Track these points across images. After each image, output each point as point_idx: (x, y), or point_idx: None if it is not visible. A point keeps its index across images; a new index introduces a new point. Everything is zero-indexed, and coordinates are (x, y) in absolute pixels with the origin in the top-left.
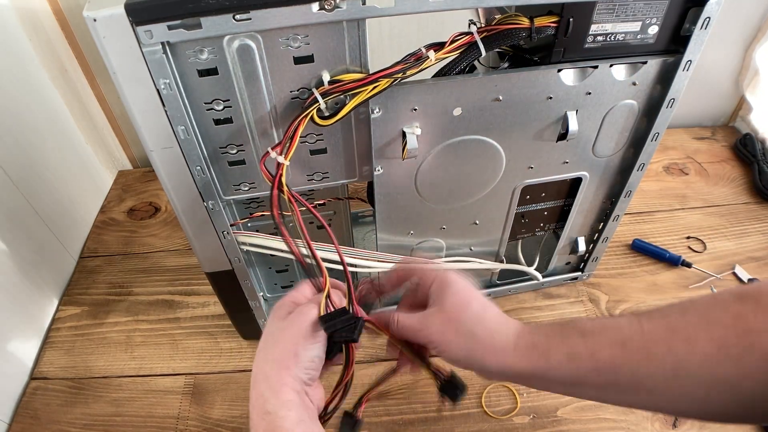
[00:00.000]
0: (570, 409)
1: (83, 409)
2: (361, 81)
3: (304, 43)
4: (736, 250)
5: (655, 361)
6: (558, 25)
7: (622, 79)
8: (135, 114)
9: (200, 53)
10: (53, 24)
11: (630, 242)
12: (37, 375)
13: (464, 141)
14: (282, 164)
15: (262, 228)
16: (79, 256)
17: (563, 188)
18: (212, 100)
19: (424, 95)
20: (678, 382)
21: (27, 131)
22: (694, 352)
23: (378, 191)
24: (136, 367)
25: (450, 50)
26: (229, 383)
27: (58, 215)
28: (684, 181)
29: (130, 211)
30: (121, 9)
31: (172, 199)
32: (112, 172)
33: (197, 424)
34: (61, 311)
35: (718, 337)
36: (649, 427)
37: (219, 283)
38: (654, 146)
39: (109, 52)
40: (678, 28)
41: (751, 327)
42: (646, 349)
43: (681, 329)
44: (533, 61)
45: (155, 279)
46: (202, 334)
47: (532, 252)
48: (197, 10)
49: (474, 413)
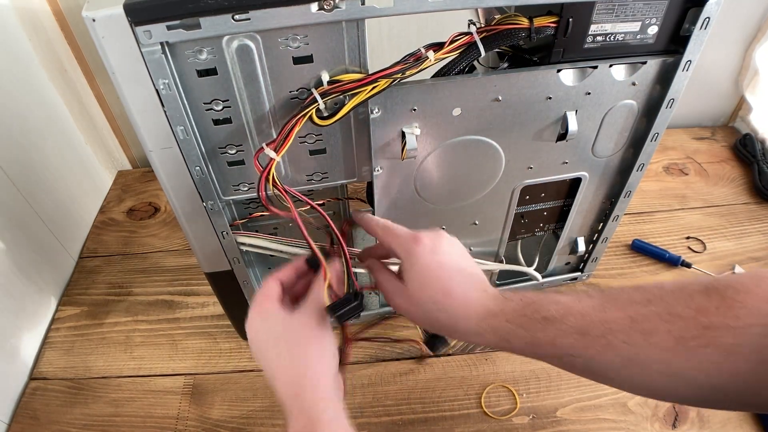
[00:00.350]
0: (570, 409)
1: (82, 409)
2: (360, 81)
3: (303, 43)
4: (735, 251)
5: (613, 351)
6: (557, 26)
7: (621, 80)
8: (134, 114)
9: (199, 53)
10: (53, 24)
11: (630, 242)
12: (36, 375)
13: (464, 141)
14: (273, 159)
15: (262, 228)
16: (78, 256)
17: (563, 188)
18: (211, 101)
19: (424, 95)
20: (635, 371)
21: (27, 131)
22: (652, 344)
23: (377, 191)
24: (135, 368)
25: (449, 50)
26: (229, 383)
27: (57, 215)
28: (684, 182)
29: (129, 212)
30: (120, 9)
31: (172, 199)
32: (112, 173)
33: (196, 425)
34: (61, 311)
35: (677, 330)
36: (649, 427)
37: (218, 283)
38: (654, 146)
39: (108, 52)
40: (677, 29)
41: (711, 322)
42: (604, 337)
43: (642, 320)
44: (533, 62)
45: (155, 279)
46: (202, 335)
47: (532, 252)
48: (196, 10)
49: (474, 413)
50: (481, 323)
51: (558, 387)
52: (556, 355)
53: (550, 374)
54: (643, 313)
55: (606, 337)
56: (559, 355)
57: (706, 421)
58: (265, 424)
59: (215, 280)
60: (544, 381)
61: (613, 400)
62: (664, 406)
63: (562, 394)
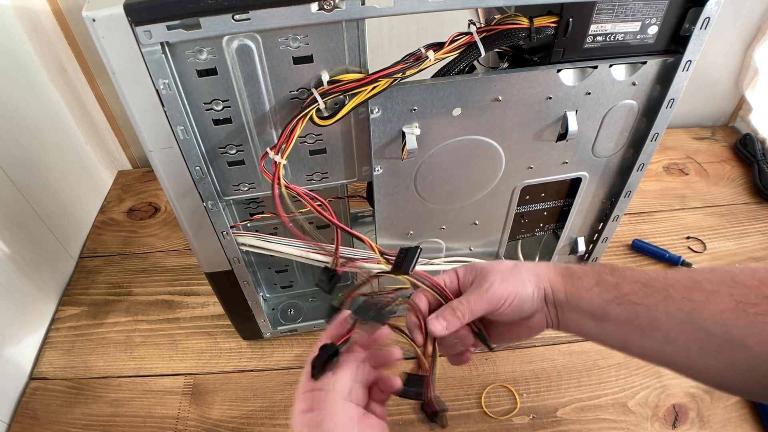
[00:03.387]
0: (570, 409)
1: (83, 409)
2: (360, 81)
3: (303, 43)
4: (736, 250)
5: (673, 303)
6: (557, 25)
7: (621, 79)
8: (134, 114)
9: (199, 53)
10: (53, 24)
11: (630, 242)
12: (36, 375)
13: (464, 141)
14: (279, 163)
15: (261, 228)
16: (78, 256)
17: (563, 188)
18: (211, 101)
19: (424, 95)
20: (692, 327)
21: (27, 131)
22: (711, 301)
23: (377, 191)
24: (135, 368)
25: (449, 50)
26: (229, 383)
27: (57, 215)
28: (684, 181)
29: (129, 211)
30: (120, 9)
31: (172, 199)
32: (112, 172)
33: (196, 425)
34: (61, 311)
35: (738, 294)
36: (649, 427)
37: (218, 283)
38: (654, 146)
39: (109, 52)
40: (678, 28)
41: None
42: (665, 290)
43: (704, 281)
44: (533, 62)
45: (155, 279)
46: (202, 335)
47: (532, 252)
48: (196, 10)
49: (474, 413)
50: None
51: (558, 387)
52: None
53: (550, 374)
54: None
55: (667, 290)
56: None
57: (706, 421)
58: (265, 424)
59: (215, 280)
60: (544, 381)
61: (613, 400)
62: (665, 405)
63: (562, 394)
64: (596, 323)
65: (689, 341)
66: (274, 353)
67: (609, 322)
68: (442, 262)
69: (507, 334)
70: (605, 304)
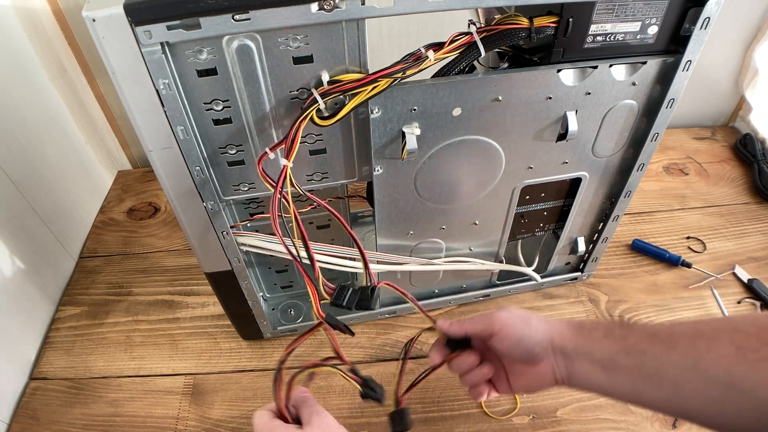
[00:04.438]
0: (570, 409)
1: (83, 409)
2: (360, 81)
3: (303, 43)
4: (736, 250)
5: (677, 351)
6: (557, 25)
7: (621, 79)
8: (134, 114)
9: (199, 53)
10: (53, 24)
11: (630, 242)
12: (36, 375)
13: (464, 141)
14: (286, 166)
15: (262, 228)
16: (78, 256)
17: (563, 188)
18: (211, 101)
19: (424, 95)
20: (697, 374)
21: (27, 131)
22: (713, 348)
23: (377, 191)
24: (135, 368)
25: (449, 50)
26: (229, 383)
27: (57, 215)
28: (684, 181)
29: (129, 211)
30: (120, 9)
31: (172, 199)
32: (112, 172)
33: (196, 425)
34: (61, 311)
35: (739, 340)
36: (649, 427)
37: (218, 283)
38: (654, 146)
39: (109, 52)
40: (678, 28)
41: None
42: (670, 340)
43: (707, 330)
44: (533, 61)
45: (155, 279)
46: (202, 335)
47: (532, 252)
48: (196, 10)
49: (474, 413)
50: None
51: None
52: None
53: None
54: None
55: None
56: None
57: None
58: None
59: (215, 280)
60: None
61: (613, 400)
62: None
63: (562, 394)
64: (606, 374)
65: (696, 389)
66: (274, 353)
67: (617, 372)
68: (442, 262)
69: (517, 380)
70: (613, 355)
